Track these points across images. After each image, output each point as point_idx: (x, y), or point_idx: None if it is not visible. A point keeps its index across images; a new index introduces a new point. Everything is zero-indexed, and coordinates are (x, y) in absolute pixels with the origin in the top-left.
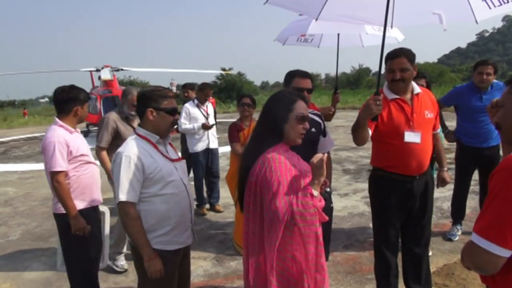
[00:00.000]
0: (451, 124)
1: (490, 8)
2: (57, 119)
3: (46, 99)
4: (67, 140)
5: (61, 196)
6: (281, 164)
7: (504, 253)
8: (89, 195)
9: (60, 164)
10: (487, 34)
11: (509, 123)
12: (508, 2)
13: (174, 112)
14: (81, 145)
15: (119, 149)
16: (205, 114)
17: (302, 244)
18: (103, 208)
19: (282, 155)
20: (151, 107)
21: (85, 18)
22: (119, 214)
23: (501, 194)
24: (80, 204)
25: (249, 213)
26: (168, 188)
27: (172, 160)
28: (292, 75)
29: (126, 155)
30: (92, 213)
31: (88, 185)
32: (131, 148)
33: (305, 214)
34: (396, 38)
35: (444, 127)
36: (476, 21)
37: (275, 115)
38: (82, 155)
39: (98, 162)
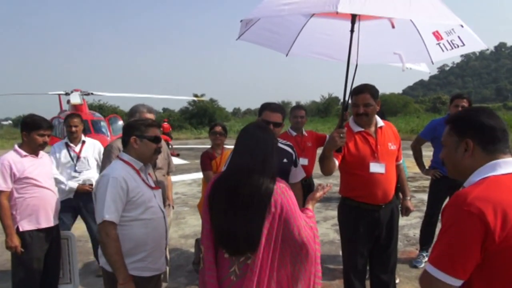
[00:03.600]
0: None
1: (443, 51)
2: (15, 144)
3: (10, 121)
4: (12, 162)
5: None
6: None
7: (454, 282)
8: (36, 217)
9: (0, 183)
10: (447, 68)
11: (451, 162)
12: (458, 47)
13: (157, 140)
14: (30, 168)
15: (105, 172)
16: (72, 156)
17: (314, 265)
18: (68, 233)
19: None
20: (135, 135)
21: (55, 41)
22: (99, 233)
23: (451, 228)
24: (26, 225)
25: (271, 247)
26: (147, 213)
27: (152, 188)
28: (264, 108)
29: (113, 177)
30: (38, 236)
31: (35, 208)
32: (117, 171)
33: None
34: (423, 71)
35: (423, 166)
36: (432, 62)
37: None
38: (27, 177)
39: (53, 188)
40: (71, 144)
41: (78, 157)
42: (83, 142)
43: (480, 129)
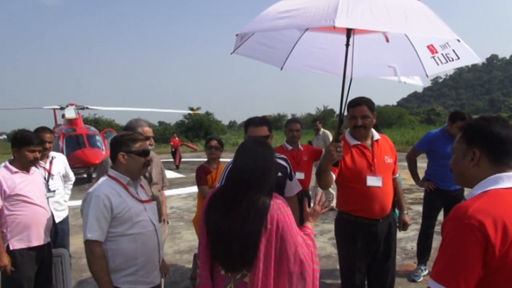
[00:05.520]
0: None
1: (438, 64)
2: (6, 160)
3: (4, 136)
4: (2, 179)
5: None
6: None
7: None
8: (27, 235)
9: None
10: (440, 80)
11: (457, 169)
12: (452, 60)
13: (146, 154)
14: (20, 185)
15: (90, 190)
16: (44, 175)
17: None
18: (62, 250)
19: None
20: (122, 151)
21: (50, 55)
22: (85, 251)
23: (452, 242)
24: (16, 244)
25: (272, 265)
26: (135, 228)
27: (142, 201)
28: (247, 124)
29: (96, 195)
30: (29, 254)
31: (26, 225)
32: (101, 188)
33: (317, 255)
34: (417, 84)
35: (418, 178)
36: (426, 75)
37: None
38: (17, 194)
39: (45, 205)
40: (40, 161)
41: (50, 174)
42: (52, 157)
43: (489, 140)
